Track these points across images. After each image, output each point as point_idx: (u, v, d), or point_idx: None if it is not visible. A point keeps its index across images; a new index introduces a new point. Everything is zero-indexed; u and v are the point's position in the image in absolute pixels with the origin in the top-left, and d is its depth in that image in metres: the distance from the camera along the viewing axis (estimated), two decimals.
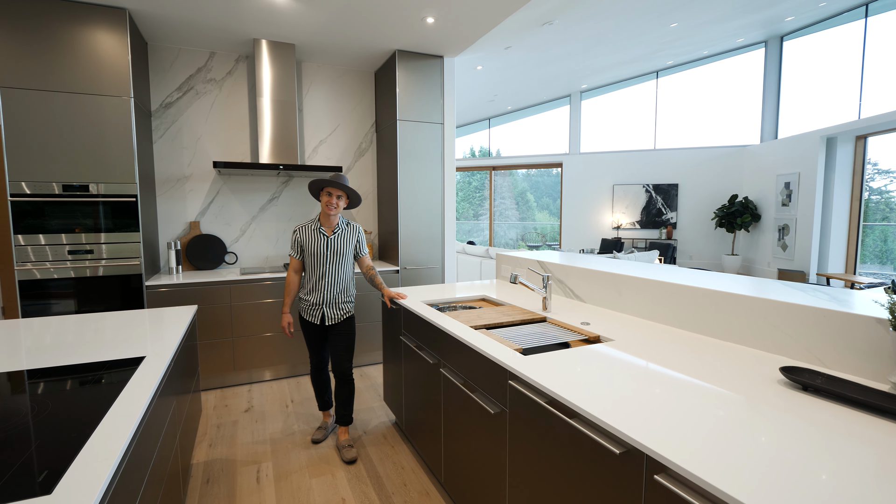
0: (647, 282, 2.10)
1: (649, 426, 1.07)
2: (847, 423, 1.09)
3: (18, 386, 1.37)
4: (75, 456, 0.97)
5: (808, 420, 1.11)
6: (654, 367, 1.48)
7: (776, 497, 0.81)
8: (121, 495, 1.01)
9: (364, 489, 2.28)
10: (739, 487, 0.84)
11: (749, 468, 0.90)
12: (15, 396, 1.29)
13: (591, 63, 7.57)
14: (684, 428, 1.07)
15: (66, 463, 0.94)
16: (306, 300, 2.62)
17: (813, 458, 0.94)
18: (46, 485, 0.86)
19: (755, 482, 0.86)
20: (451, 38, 3.63)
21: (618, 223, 10.23)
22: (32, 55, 2.85)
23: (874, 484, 0.85)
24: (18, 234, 2.90)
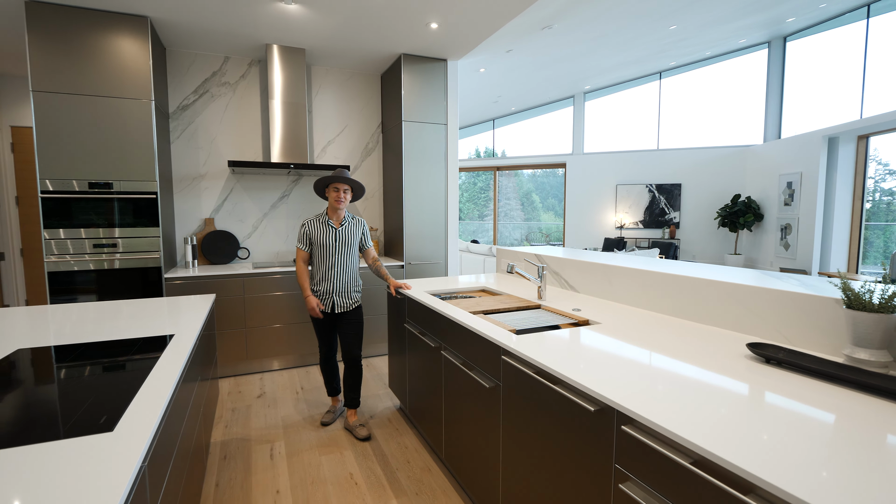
0: (634, 271, 2.25)
1: (620, 389, 1.22)
2: (799, 388, 1.23)
3: (73, 354, 1.54)
4: (128, 405, 1.14)
5: (765, 385, 1.25)
6: (632, 345, 1.63)
7: (725, 441, 0.96)
8: (165, 438, 1.17)
9: (370, 465, 2.44)
10: (692, 432, 0.99)
11: (704, 420, 1.05)
12: (72, 363, 1.47)
13: (594, 64, 7.70)
14: (652, 391, 1.22)
15: (122, 410, 1.11)
16: (316, 290, 2.78)
17: (763, 413, 1.09)
18: (108, 425, 1.03)
19: (707, 429, 1.00)
20: (453, 42, 3.79)
21: (621, 223, 10.33)
22: (62, 61, 3.05)
23: (809, 430, 1.00)
24: (47, 228, 3.09)
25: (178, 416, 1.42)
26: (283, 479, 2.31)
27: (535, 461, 1.52)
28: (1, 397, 1.19)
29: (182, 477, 1.43)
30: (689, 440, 0.95)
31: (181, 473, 1.42)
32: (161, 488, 1.13)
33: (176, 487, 1.32)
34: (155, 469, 1.08)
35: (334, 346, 2.93)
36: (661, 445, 1.04)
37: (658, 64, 8.89)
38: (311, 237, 2.74)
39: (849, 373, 1.28)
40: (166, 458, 1.22)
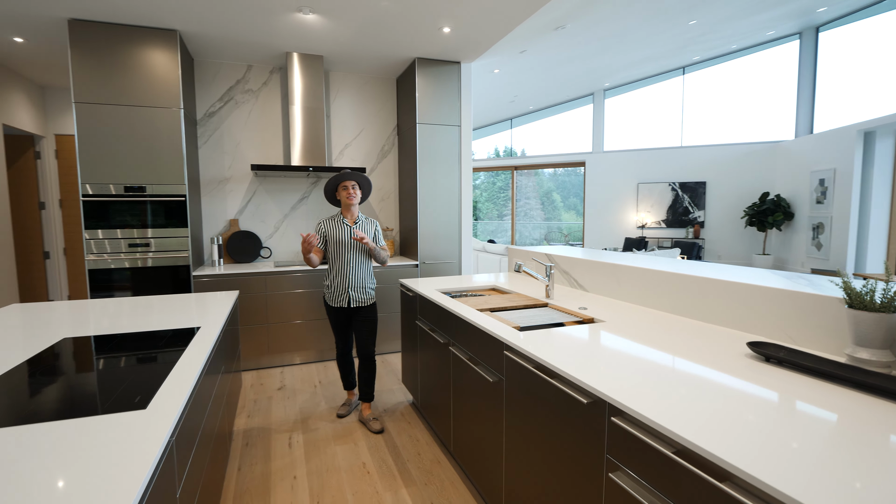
0: (642, 271, 2.28)
1: (613, 383, 1.28)
2: (795, 385, 1.26)
3: (111, 344, 1.69)
4: (158, 388, 1.26)
5: (760, 382, 1.29)
6: (633, 342, 1.67)
7: (707, 432, 1.01)
8: (190, 419, 1.29)
9: (382, 456, 2.54)
10: (677, 424, 1.04)
11: (692, 413, 1.10)
12: (110, 351, 1.61)
13: (612, 62, 7.64)
14: (644, 385, 1.27)
15: (153, 392, 1.24)
16: (331, 287, 2.89)
17: (752, 408, 1.13)
18: (142, 404, 1.16)
19: (692, 421, 1.05)
20: (466, 45, 3.87)
21: (642, 222, 10.19)
22: (101, 74, 3.26)
23: (796, 425, 1.04)
24: (88, 229, 3.31)
25: (202, 402, 1.54)
26: (301, 466, 2.44)
27: (535, 453, 1.58)
28: (50, 379, 1.33)
29: (206, 456, 1.55)
30: (673, 431, 1.00)
31: (205, 453, 1.54)
32: (187, 464, 1.25)
33: (200, 465, 1.44)
34: (181, 445, 1.20)
35: (350, 342, 3.04)
36: (646, 436, 1.09)
37: (681, 59, 8.74)
38: (327, 234, 2.85)
39: (848, 372, 1.30)
40: (191, 438, 1.33)
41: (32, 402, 1.19)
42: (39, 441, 0.98)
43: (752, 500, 0.84)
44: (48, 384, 1.32)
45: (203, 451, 1.51)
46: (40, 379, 1.35)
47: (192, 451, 1.34)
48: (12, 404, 1.17)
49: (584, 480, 1.32)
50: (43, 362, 1.51)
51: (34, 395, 1.24)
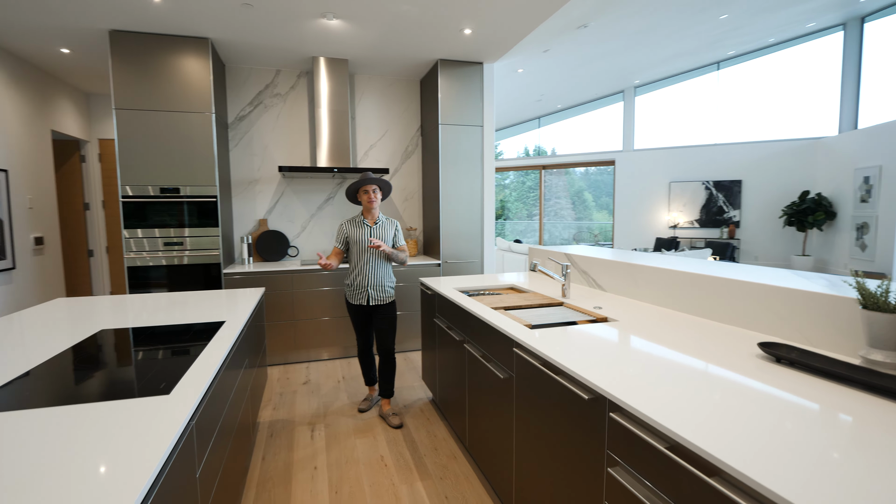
0: (659, 271, 2.25)
1: (615, 380, 1.29)
2: (803, 386, 1.24)
3: (144, 335, 1.81)
4: (182, 376, 1.35)
5: (767, 382, 1.27)
6: (642, 341, 1.67)
7: (702, 428, 1.01)
8: (212, 406, 1.38)
9: (400, 450, 2.60)
10: (672, 420, 1.05)
11: (690, 410, 1.10)
12: (142, 341, 1.73)
13: (640, 59, 7.48)
14: (646, 382, 1.27)
15: (177, 379, 1.33)
16: (352, 285, 2.97)
17: (753, 407, 1.12)
18: (166, 389, 1.25)
19: (689, 418, 1.06)
20: (487, 46, 3.89)
21: (674, 222, 9.94)
22: (139, 81, 3.45)
23: (796, 424, 1.03)
24: (127, 228, 3.51)
25: (223, 392, 1.64)
26: (321, 458, 2.52)
27: (542, 448, 1.61)
28: (88, 366, 1.45)
29: (228, 443, 1.64)
30: (666, 426, 1.02)
31: (227, 440, 1.63)
32: (207, 447, 1.34)
33: (221, 451, 1.52)
34: (202, 429, 1.28)
35: (370, 339, 3.12)
36: (642, 431, 1.10)
37: (715, 54, 8.48)
38: (348, 235, 2.94)
39: (860, 374, 1.27)
40: (212, 424, 1.42)
41: (71, 385, 1.30)
42: (77, 419, 1.08)
43: (742, 497, 0.84)
44: (86, 370, 1.43)
45: (224, 438, 1.60)
46: (79, 365, 1.47)
47: (213, 436, 1.43)
48: (54, 387, 1.28)
49: (587, 476, 1.34)
50: (82, 350, 1.63)
51: (73, 379, 1.35)
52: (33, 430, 1.03)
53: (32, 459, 0.91)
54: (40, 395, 1.23)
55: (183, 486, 1.09)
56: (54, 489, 0.81)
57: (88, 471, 0.87)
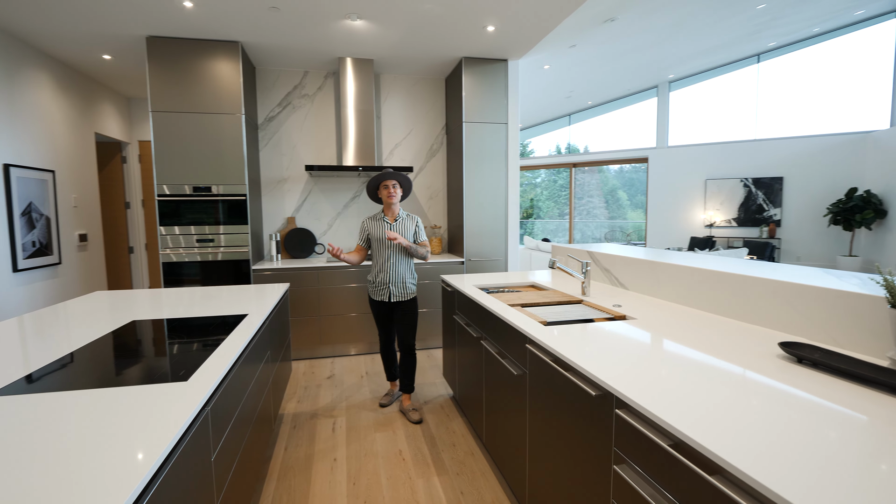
0: (681, 268, 2.19)
1: (623, 377, 1.27)
2: (823, 387, 1.19)
3: (170, 326, 1.90)
4: (201, 365, 1.41)
5: (786, 382, 1.22)
6: (658, 339, 1.63)
7: (706, 426, 0.99)
8: (229, 394, 1.43)
9: (419, 445, 2.63)
10: (676, 417, 1.03)
11: (696, 408, 1.07)
12: (168, 332, 1.81)
13: (673, 53, 7.25)
14: (655, 380, 1.25)
15: (196, 368, 1.39)
16: (374, 281, 3.02)
17: (771, 408, 1.08)
18: (185, 376, 1.31)
19: (694, 416, 1.04)
20: (511, 43, 3.87)
21: (711, 221, 9.60)
22: (173, 84, 3.61)
23: (808, 425, 0.99)
24: (162, 226, 3.68)
25: (242, 382, 1.70)
26: (341, 450, 2.58)
27: (554, 445, 1.59)
28: (118, 353, 1.53)
29: (246, 432, 1.70)
30: (669, 423, 0.99)
31: (244, 429, 1.69)
32: (223, 434, 1.39)
33: (238, 438, 1.58)
34: (217, 416, 1.34)
35: (392, 334, 3.16)
36: (646, 428, 1.08)
37: (754, 46, 8.14)
38: (369, 232, 2.99)
39: (886, 376, 1.20)
40: (229, 412, 1.48)
41: (100, 370, 1.38)
42: (100, 401, 1.15)
43: (744, 497, 0.82)
44: (116, 357, 1.51)
45: (243, 426, 1.66)
46: (108, 353, 1.56)
47: (230, 423, 1.48)
48: (85, 372, 1.36)
49: (595, 473, 1.32)
50: (113, 339, 1.73)
51: (102, 365, 1.43)
52: (61, 411, 1.10)
53: (53, 438, 0.97)
54: (70, 378, 1.31)
55: (196, 468, 1.14)
56: (72, 466, 0.87)
57: (104, 449, 0.92)
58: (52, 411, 1.09)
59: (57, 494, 0.78)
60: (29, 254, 3.55)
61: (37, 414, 1.08)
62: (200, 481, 1.17)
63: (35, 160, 3.69)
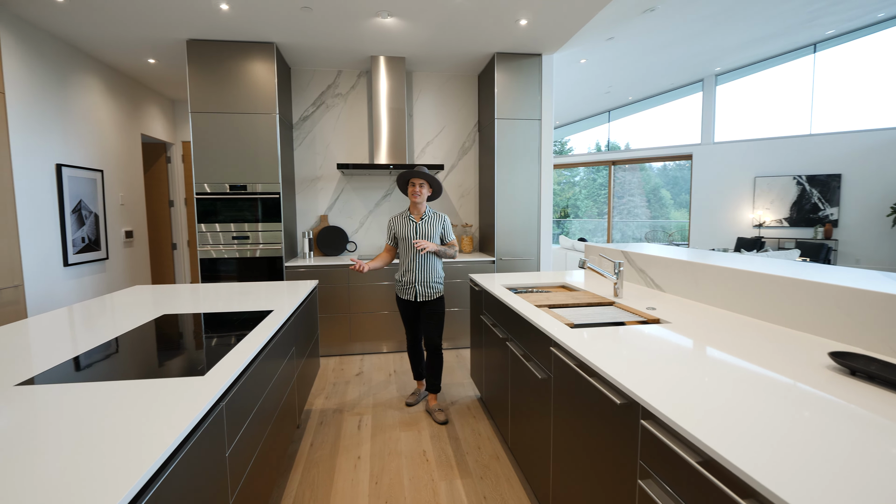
0: (722, 270, 2.05)
1: (651, 385, 1.18)
2: (883, 404, 1.07)
3: (196, 320, 1.94)
4: (220, 360, 1.43)
5: (833, 395, 1.11)
6: (693, 345, 1.52)
7: (739, 443, 0.90)
8: (248, 389, 1.44)
9: (443, 446, 2.59)
10: (706, 432, 0.94)
11: (732, 422, 0.98)
12: (192, 326, 1.85)
13: (721, 44, 6.88)
14: (686, 390, 1.15)
15: (215, 363, 1.40)
16: (401, 281, 3.01)
17: (814, 425, 0.98)
18: (202, 371, 1.33)
19: (726, 431, 0.94)
20: (545, 36, 3.76)
21: (759, 220, 9.08)
22: (211, 85, 3.72)
23: (855, 447, 0.88)
24: (200, 223, 3.80)
25: (264, 376, 1.71)
26: (366, 448, 2.57)
27: (578, 454, 1.51)
28: (142, 347, 1.57)
29: (266, 426, 1.71)
30: (699, 438, 0.91)
31: (265, 424, 1.70)
32: (240, 428, 1.40)
33: (257, 433, 1.59)
34: (234, 411, 1.34)
35: (419, 334, 3.13)
36: (673, 442, 1.00)
37: (810, 35, 7.63)
38: (395, 231, 2.98)
39: None
40: (247, 407, 1.49)
41: (125, 362, 1.41)
42: (118, 393, 1.17)
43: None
44: (140, 350, 1.55)
45: (262, 421, 1.67)
46: (134, 346, 1.60)
47: (248, 419, 1.49)
48: (108, 363, 1.40)
49: (620, 487, 1.24)
50: (141, 332, 1.78)
51: (128, 357, 1.47)
52: (76, 402, 1.12)
53: (70, 429, 0.99)
54: (94, 370, 1.34)
55: (209, 463, 1.15)
56: (86, 454, 0.88)
57: (117, 439, 0.93)
58: (60, 404, 1.12)
59: (55, 494, 0.78)
60: (78, 249, 3.76)
61: (47, 403, 1.11)
62: (213, 475, 1.17)
63: (85, 160, 3.90)
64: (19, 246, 3.20)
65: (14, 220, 3.16)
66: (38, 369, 1.35)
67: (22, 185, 3.23)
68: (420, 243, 2.79)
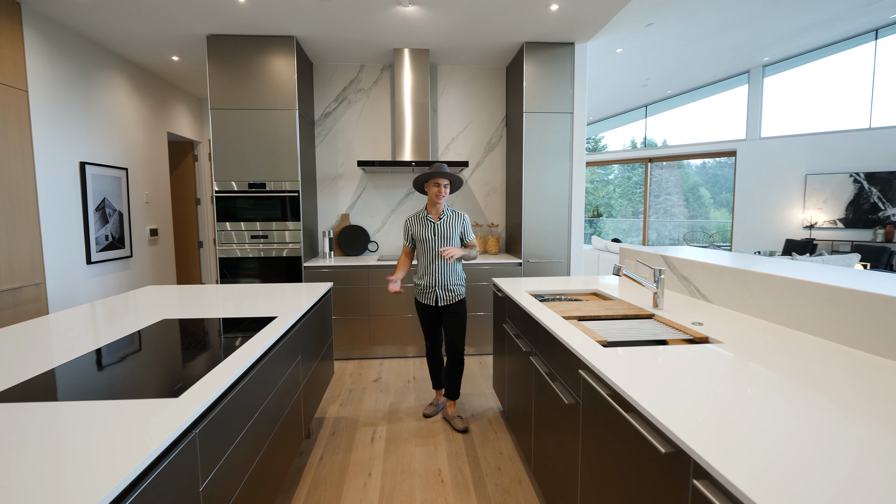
0: (783, 280, 1.77)
1: (706, 430, 0.95)
2: None
3: (193, 327, 1.82)
4: (203, 376, 1.28)
5: None
6: (754, 375, 1.27)
7: None
8: (233, 409, 1.28)
9: (460, 465, 2.39)
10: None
11: (824, 493, 0.75)
12: (187, 335, 1.72)
13: (769, 31, 6.37)
14: (753, 439, 0.92)
15: (196, 380, 1.26)
16: (420, 284, 2.83)
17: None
18: (178, 391, 1.18)
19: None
20: (578, 23, 3.50)
21: (811, 221, 8.45)
22: (231, 82, 3.64)
23: None
24: (219, 221, 3.74)
25: (261, 387, 1.56)
26: (378, 464, 2.41)
27: (610, 499, 1.29)
28: (126, 358, 1.44)
29: (262, 443, 1.56)
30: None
31: (260, 440, 1.55)
32: (222, 456, 1.24)
33: (247, 458, 1.44)
34: (213, 436, 1.19)
35: (439, 339, 2.95)
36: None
37: (870, 19, 7.00)
38: (413, 233, 2.80)
39: None
40: (233, 428, 1.33)
41: (93, 379, 1.28)
42: (71, 419, 1.02)
43: None
44: (117, 362, 1.42)
45: (256, 439, 1.52)
46: (118, 357, 1.47)
47: (236, 440, 1.34)
48: (76, 379, 1.27)
49: None
50: (129, 341, 1.66)
51: (102, 372, 1.34)
52: (10, 427, 0.99)
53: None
54: (54, 387, 1.22)
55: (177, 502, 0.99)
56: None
57: (43, 483, 0.78)
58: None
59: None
60: (102, 247, 3.75)
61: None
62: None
63: (109, 158, 3.90)
64: (41, 244, 3.19)
65: (36, 218, 3.16)
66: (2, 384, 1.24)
67: (44, 184, 3.23)
68: (448, 251, 2.64)
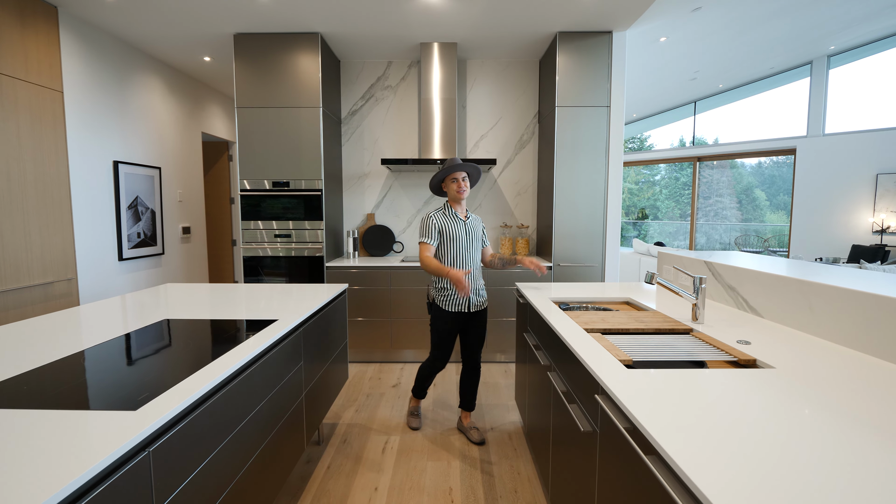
0: (851, 293, 1.49)
1: (750, 488, 0.74)
2: None
3: (190, 328, 1.74)
4: (172, 386, 1.18)
5: None
6: (816, 412, 1.03)
7: None
8: (201, 425, 1.17)
9: (473, 484, 2.22)
10: None
11: None
12: (180, 337, 1.65)
13: (836, 15, 5.75)
14: (815, 499, 0.70)
15: (163, 390, 1.16)
16: (448, 288, 2.56)
17: None
18: (139, 403, 1.08)
19: None
20: (616, 9, 3.24)
21: (882, 225, 7.68)
22: (256, 80, 3.63)
23: None
24: (244, 220, 3.73)
25: (245, 398, 1.45)
26: (386, 478, 2.27)
27: None
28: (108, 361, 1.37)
29: (248, 456, 1.45)
30: None
31: (246, 453, 1.44)
32: (194, 470, 1.14)
33: (232, 468, 1.33)
34: (176, 451, 1.08)
35: (450, 352, 2.71)
36: None
37: None
38: (442, 231, 2.54)
39: None
40: (209, 442, 1.23)
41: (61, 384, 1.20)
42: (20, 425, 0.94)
43: None
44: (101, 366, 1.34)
45: (239, 453, 1.41)
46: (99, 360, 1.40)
47: (206, 459, 1.22)
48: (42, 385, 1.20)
49: None
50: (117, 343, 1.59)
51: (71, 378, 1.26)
52: None
53: None
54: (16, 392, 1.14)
55: None
56: None
57: None
58: None
59: None
60: (134, 244, 3.83)
61: None
62: None
63: (143, 157, 3.98)
64: (73, 240, 3.27)
65: (69, 215, 3.24)
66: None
67: (78, 181, 3.31)
68: (529, 263, 2.55)
